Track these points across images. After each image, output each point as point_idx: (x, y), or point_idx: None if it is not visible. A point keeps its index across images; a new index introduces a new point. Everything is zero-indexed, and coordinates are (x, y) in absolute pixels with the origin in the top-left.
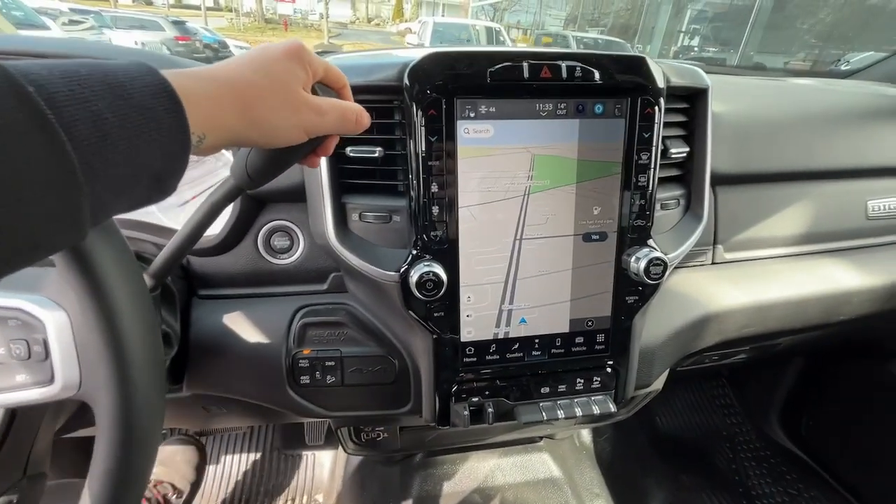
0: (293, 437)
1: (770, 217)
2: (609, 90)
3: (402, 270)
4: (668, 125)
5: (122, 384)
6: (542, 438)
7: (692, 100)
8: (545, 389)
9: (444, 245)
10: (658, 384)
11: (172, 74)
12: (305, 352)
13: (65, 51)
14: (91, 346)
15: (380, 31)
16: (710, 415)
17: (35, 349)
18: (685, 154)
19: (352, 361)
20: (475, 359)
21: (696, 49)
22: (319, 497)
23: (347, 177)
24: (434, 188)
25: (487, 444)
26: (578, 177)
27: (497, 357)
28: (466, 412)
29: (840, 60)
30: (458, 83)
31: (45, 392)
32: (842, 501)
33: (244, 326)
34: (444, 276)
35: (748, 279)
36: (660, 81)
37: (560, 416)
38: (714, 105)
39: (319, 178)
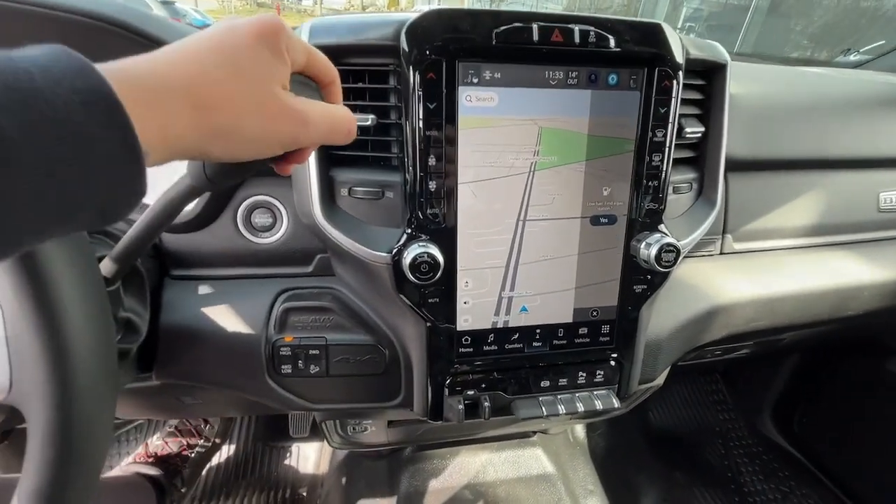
0: (277, 428)
1: (781, 207)
2: (625, 59)
3: (395, 251)
4: (684, 103)
5: (60, 390)
6: (536, 433)
7: (709, 76)
8: (545, 383)
9: (441, 225)
10: (661, 379)
11: (110, 70)
12: (287, 339)
13: None
14: (24, 342)
15: None
16: (704, 410)
17: None
18: (700, 134)
19: (338, 350)
20: (472, 349)
21: None
22: (303, 491)
23: (336, 148)
24: (431, 161)
25: (479, 439)
26: (588, 154)
27: (495, 348)
28: (461, 406)
29: (849, 50)
30: (461, 44)
31: None
32: (834, 499)
33: (220, 310)
34: (441, 259)
35: (757, 271)
36: (679, 52)
37: (561, 412)
38: (731, 86)
39: None
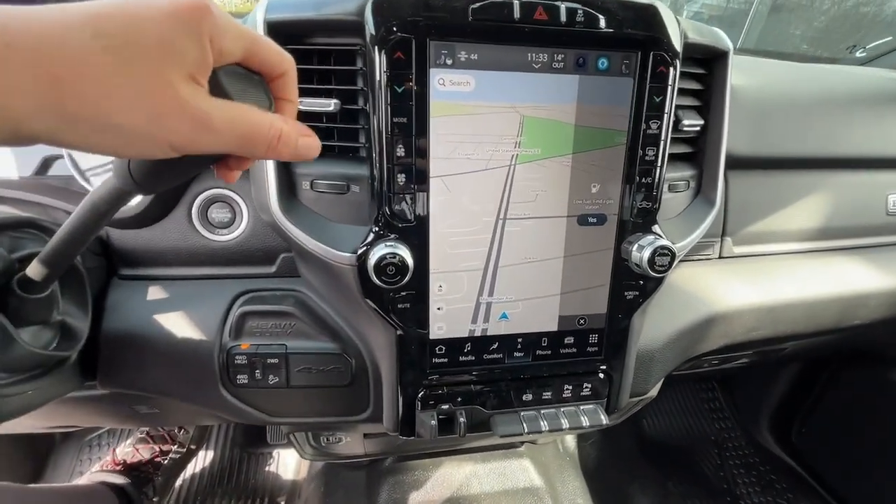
0: (255, 434)
1: (784, 208)
2: (616, 41)
3: (360, 251)
4: (681, 93)
5: None
6: (524, 444)
7: (710, 65)
8: (527, 397)
9: (412, 222)
10: (654, 391)
11: None
12: (243, 346)
13: None
14: None
15: None
16: (699, 419)
17: None
18: (699, 128)
19: (299, 359)
20: (446, 359)
21: None
22: (282, 500)
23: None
24: (399, 152)
25: (464, 450)
26: (575, 146)
27: (472, 358)
28: (434, 422)
29: (855, 47)
30: (433, 21)
31: None
32: None
33: (171, 314)
34: (411, 260)
35: (758, 276)
36: (676, 36)
37: (544, 429)
38: (732, 77)
39: None
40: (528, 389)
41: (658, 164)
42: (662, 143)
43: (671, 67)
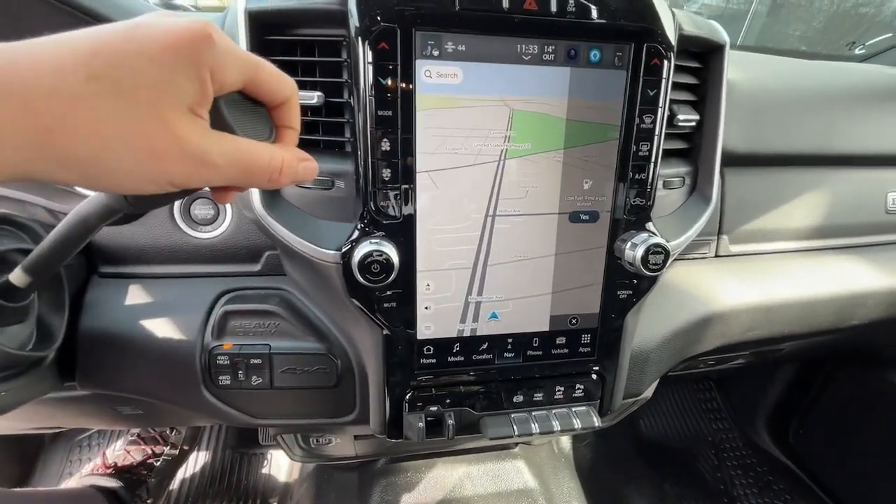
0: (247, 435)
1: (782, 206)
2: (609, 33)
3: (345, 249)
4: (676, 87)
5: None
6: (518, 445)
7: (706, 59)
8: (518, 398)
9: (398, 219)
10: (649, 392)
11: None
12: (226, 346)
13: None
14: None
15: None
16: (696, 419)
17: None
18: (694, 123)
19: (283, 360)
20: (434, 360)
21: None
22: (273, 502)
23: None
24: (385, 146)
25: (457, 451)
26: (567, 141)
27: (461, 359)
28: (422, 424)
29: (854, 44)
30: (419, 11)
31: None
32: None
33: (151, 313)
34: (396, 258)
35: (755, 275)
36: (671, 28)
37: (534, 431)
38: (729, 71)
39: None
40: (519, 391)
41: (652, 160)
42: (656, 139)
43: (665, 60)
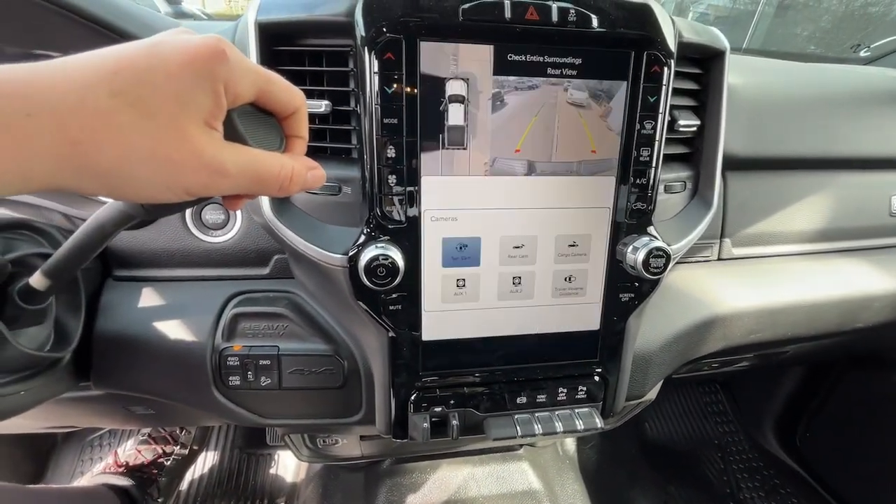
0: (255, 436)
1: (784, 209)
2: (609, 41)
3: (351, 253)
4: (677, 93)
5: None
6: (522, 446)
7: (706, 65)
8: (521, 400)
9: (402, 224)
10: (652, 394)
11: None
12: (236, 348)
13: None
14: None
15: None
16: (702, 422)
17: None
18: (695, 128)
19: (291, 361)
20: (439, 362)
21: None
22: (280, 501)
23: None
24: (390, 153)
25: (462, 452)
26: None
27: (465, 360)
28: (426, 424)
29: (859, 46)
30: (423, 21)
31: None
32: None
33: (164, 315)
34: (402, 262)
35: (758, 278)
36: (670, 35)
37: (537, 432)
38: (729, 76)
39: None
40: (522, 392)
41: (652, 165)
42: (657, 144)
43: (665, 67)
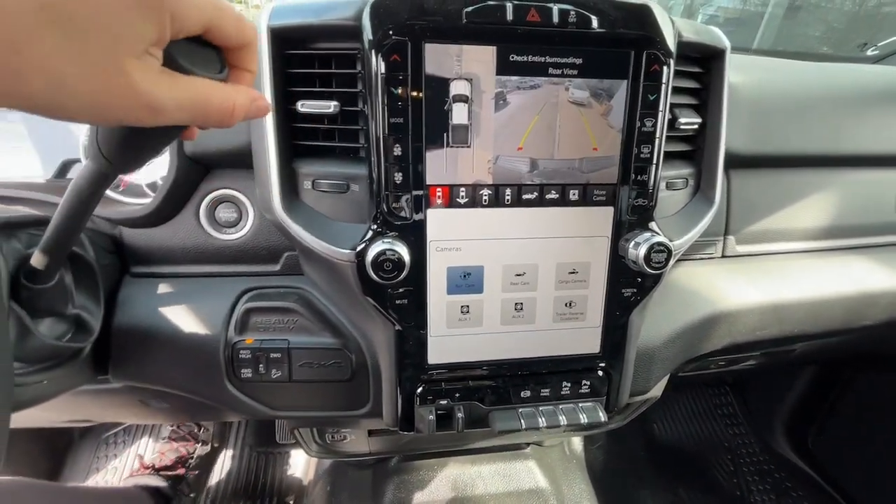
0: (266, 434)
1: (789, 206)
2: (609, 41)
3: (359, 249)
4: (678, 91)
5: None
6: (529, 445)
7: (707, 64)
8: (526, 393)
9: (409, 220)
10: (657, 391)
11: None
12: (248, 341)
13: None
14: None
15: None
16: (712, 423)
17: None
18: (696, 126)
19: (301, 354)
20: (444, 355)
21: None
22: (290, 500)
23: (300, 138)
24: (397, 151)
25: (469, 450)
26: None
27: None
28: (432, 417)
29: (866, 45)
30: (428, 24)
31: None
32: None
33: (179, 310)
34: (407, 257)
35: (763, 275)
36: (669, 35)
37: (541, 425)
38: (731, 75)
39: (265, 139)
40: (527, 386)
41: (653, 162)
42: (657, 141)
43: (665, 66)
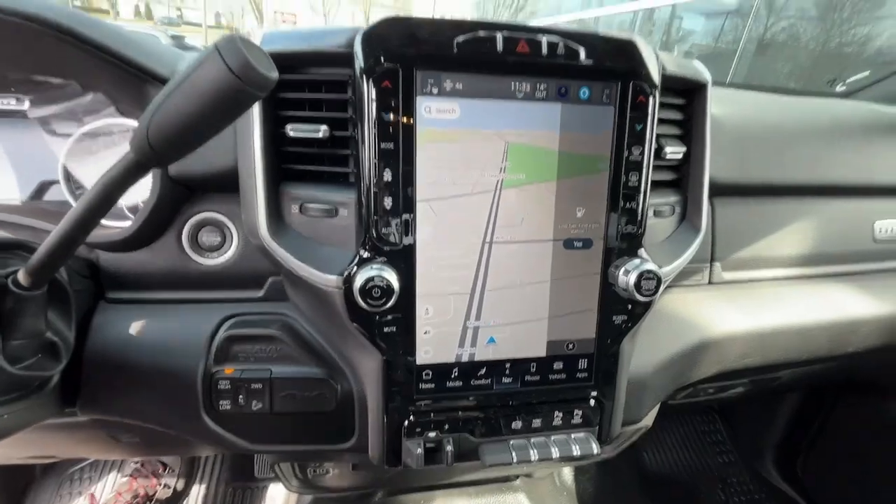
0: (243, 469)
1: (772, 234)
2: (597, 72)
3: (347, 274)
4: (663, 122)
5: None
6: (519, 477)
7: (690, 95)
8: (517, 424)
9: (398, 246)
10: (648, 420)
11: None
12: (227, 371)
13: None
14: None
15: None
16: (701, 452)
17: None
18: (681, 155)
19: (284, 384)
20: (433, 385)
21: None
22: None
23: (288, 161)
24: (387, 177)
25: (456, 483)
26: (560, 172)
27: (460, 384)
28: (420, 450)
29: (835, 81)
30: (420, 52)
31: None
32: None
33: (156, 337)
34: (396, 284)
35: (749, 302)
36: (654, 68)
37: (533, 458)
38: (713, 107)
39: (253, 162)
40: (518, 417)
41: (641, 190)
42: (645, 170)
43: (650, 97)
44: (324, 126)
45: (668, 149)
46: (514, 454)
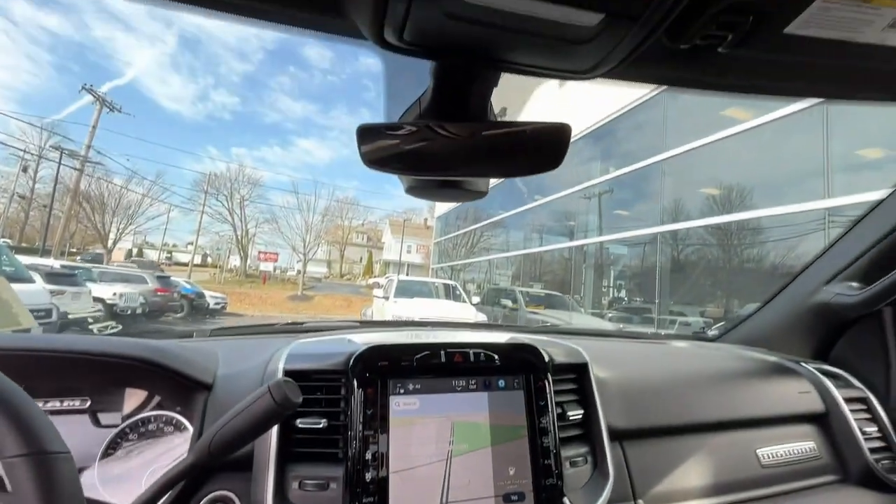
0: None
1: (679, 468)
2: (507, 369)
3: None
4: (564, 392)
5: None
6: None
7: (579, 371)
8: None
9: None
10: None
11: None
12: None
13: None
14: None
15: (350, 284)
16: None
17: None
18: (581, 416)
19: None
20: None
21: (626, 300)
22: None
23: (294, 446)
24: (368, 455)
25: None
26: (493, 440)
27: None
28: None
29: (708, 326)
30: (392, 368)
31: None
32: None
33: None
34: None
35: None
36: (546, 361)
37: None
38: (600, 372)
39: (268, 447)
40: None
41: (552, 449)
42: (552, 433)
43: (546, 382)
44: (324, 419)
45: (570, 412)
46: None
